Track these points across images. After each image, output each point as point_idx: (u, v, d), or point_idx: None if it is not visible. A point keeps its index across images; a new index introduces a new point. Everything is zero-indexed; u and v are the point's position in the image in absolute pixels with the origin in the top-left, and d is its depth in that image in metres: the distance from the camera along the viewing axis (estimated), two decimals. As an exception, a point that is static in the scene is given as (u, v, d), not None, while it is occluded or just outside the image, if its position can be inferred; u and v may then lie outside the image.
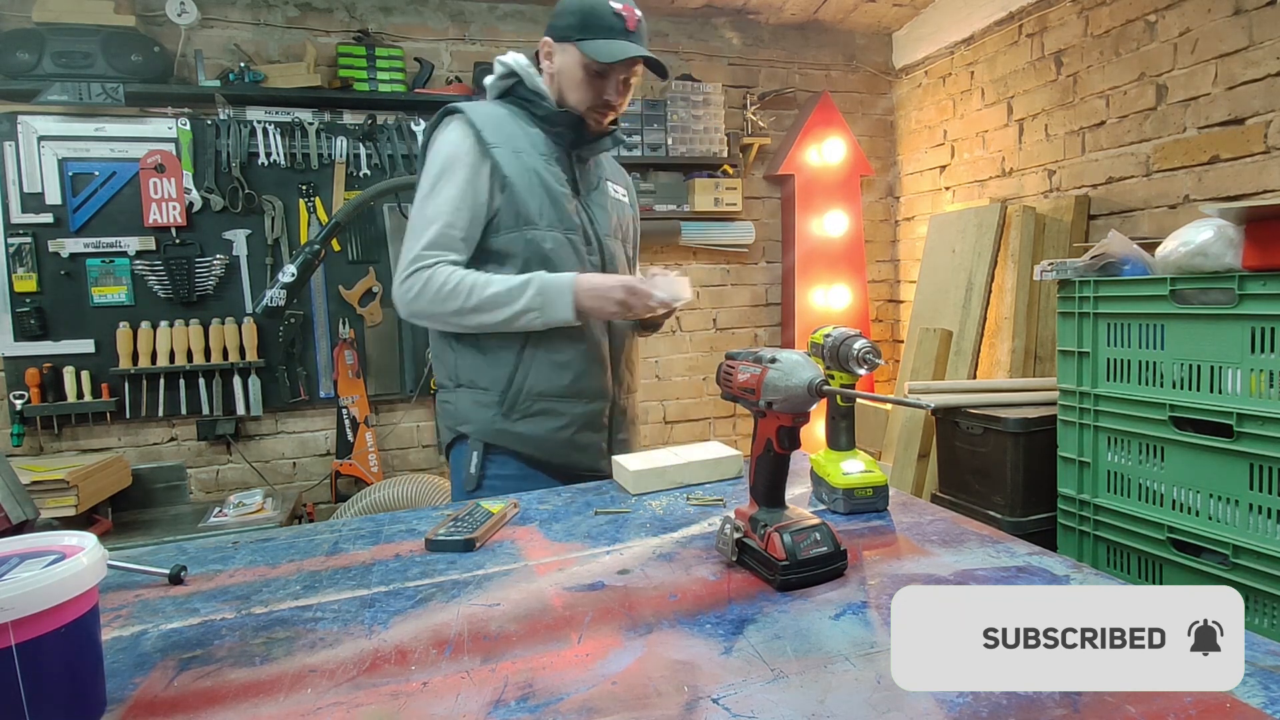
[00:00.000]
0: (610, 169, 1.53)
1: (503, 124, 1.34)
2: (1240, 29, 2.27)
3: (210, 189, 2.92)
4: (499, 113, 1.37)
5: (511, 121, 1.36)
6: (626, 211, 1.55)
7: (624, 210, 1.53)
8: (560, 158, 1.38)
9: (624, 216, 1.52)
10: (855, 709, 0.54)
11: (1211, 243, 1.64)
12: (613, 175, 1.53)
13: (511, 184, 1.30)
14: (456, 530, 0.93)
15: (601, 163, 1.50)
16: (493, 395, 1.34)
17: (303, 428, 3.18)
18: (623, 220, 1.51)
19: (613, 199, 1.48)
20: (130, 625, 0.73)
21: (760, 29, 3.75)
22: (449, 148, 1.31)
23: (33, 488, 2.04)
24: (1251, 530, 1.61)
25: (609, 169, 1.53)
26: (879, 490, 0.99)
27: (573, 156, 1.40)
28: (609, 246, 1.43)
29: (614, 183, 1.51)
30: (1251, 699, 0.52)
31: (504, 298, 1.26)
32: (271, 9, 3.06)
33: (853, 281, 3.77)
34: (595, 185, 1.45)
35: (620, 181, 1.55)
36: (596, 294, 1.26)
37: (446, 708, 0.57)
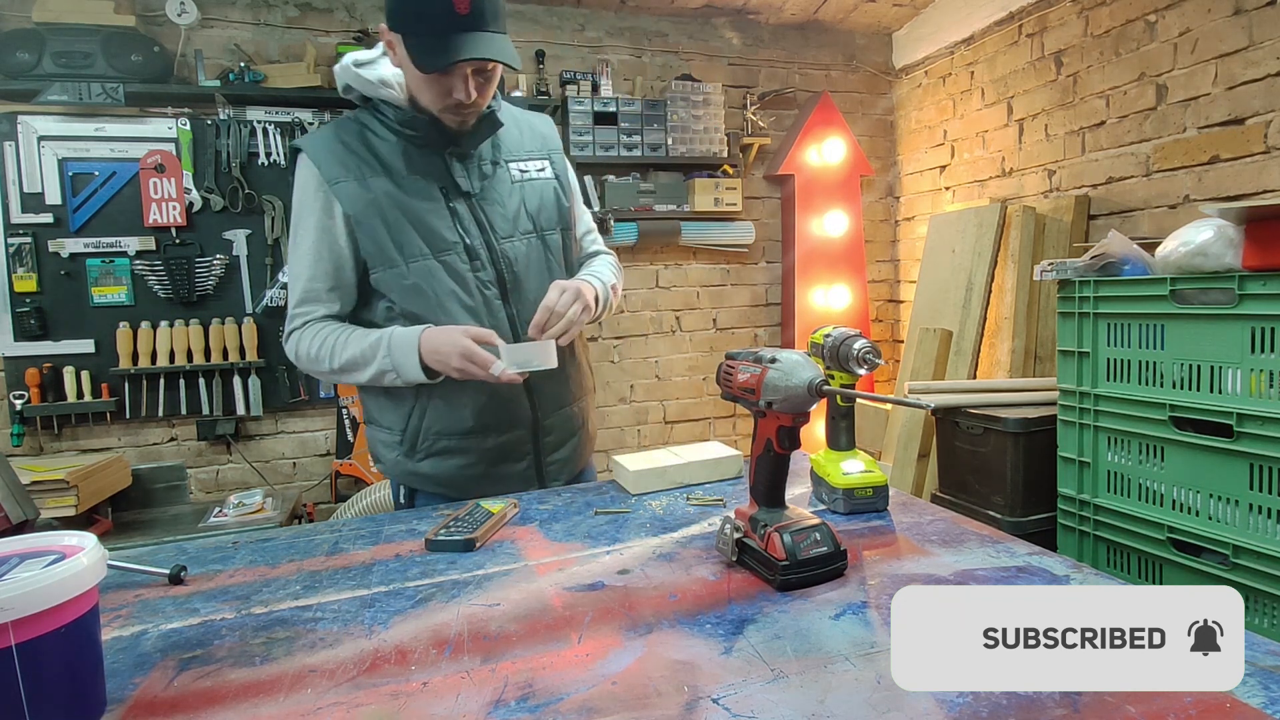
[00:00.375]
0: (511, 140, 1.29)
1: (349, 147, 1.18)
2: (1240, 29, 2.27)
3: (210, 189, 2.92)
4: (347, 133, 1.20)
5: (359, 139, 1.20)
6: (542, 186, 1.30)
7: (536, 188, 1.29)
8: (430, 164, 1.20)
9: (537, 195, 1.29)
10: (855, 709, 0.54)
11: (1211, 243, 1.64)
12: (514, 147, 1.29)
13: (360, 221, 1.16)
14: (456, 530, 0.93)
15: (498, 141, 1.27)
16: (395, 435, 1.25)
17: (303, 428, 3.18)
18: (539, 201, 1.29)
19: (515, 182, 1.27)
20: (130, 625, 0.73)
21: (760, 29, 3.75)
22: (298, 193, 1.20)
23: (33, 488, 2.04)
24: (1251, 530, 1.61)
25: (510, 141, 1.29)
26: (879, 490, 0.99)
27: (447, 157, 1.20)
28: (508, 251, 1.23)
29: (516, 160, 1.29)
30: (1251, 699, 0.52)
31: (359, 360, 1.16)
32: (271, 9, 3.06)
33: (853, 281, 3.77)
34: (488, 175, 1.24)
35: (529, 147, 1.31)
36: (438, 358, 1.11)
37: (446, 708, 0.57)
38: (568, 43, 3.47)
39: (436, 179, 1.20)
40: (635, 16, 3.56)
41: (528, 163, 1.29)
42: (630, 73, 3.57)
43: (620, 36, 3.55)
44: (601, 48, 3.52)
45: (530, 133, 1.33)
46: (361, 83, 1.19)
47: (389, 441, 1.27)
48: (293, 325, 1.23)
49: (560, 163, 1.35)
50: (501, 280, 1.23)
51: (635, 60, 3.58)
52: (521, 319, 1.23)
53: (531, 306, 1.21)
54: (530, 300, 1.22)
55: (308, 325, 1.21)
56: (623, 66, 3.55)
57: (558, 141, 1.37)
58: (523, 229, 1.26)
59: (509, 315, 1.23)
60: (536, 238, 1.27)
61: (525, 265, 1.25)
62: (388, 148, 1.19)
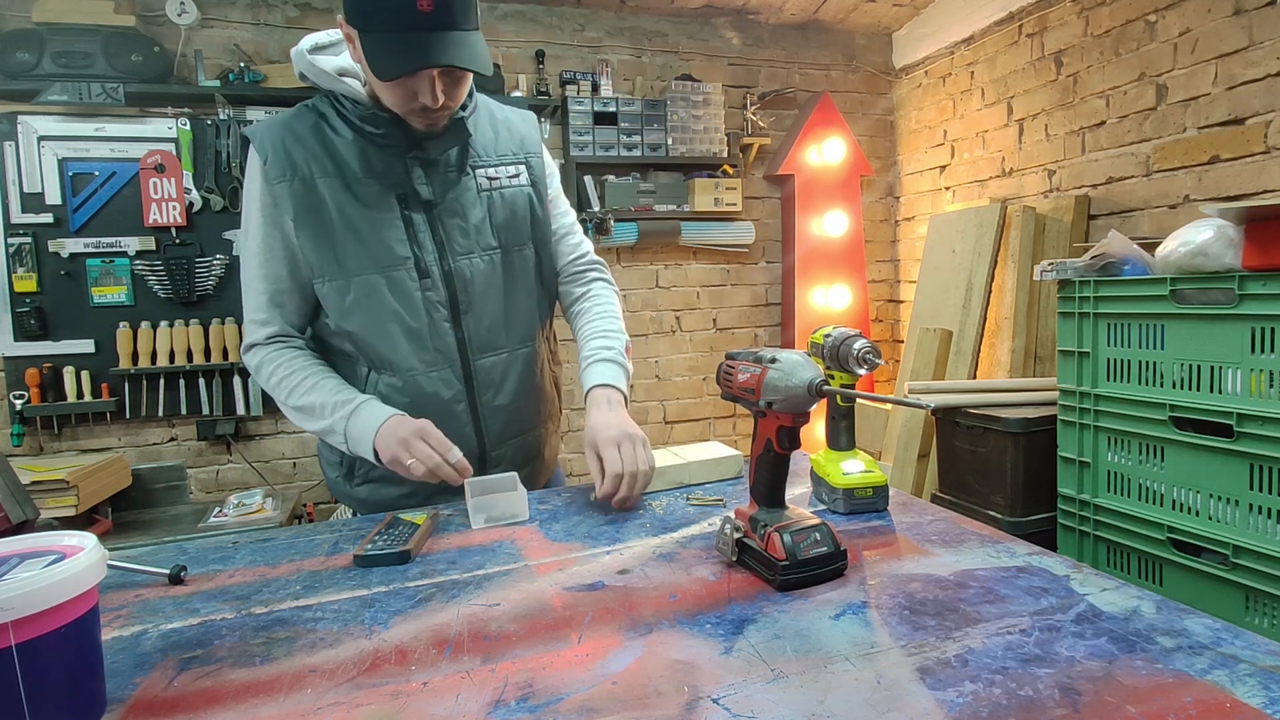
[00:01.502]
0: (484, 143, 1.17)
1: (301, 141, 1.08)
2: (1240, 29, 2.27)
3: (210, 189, 2.92)
4: (300, 124, 1.09)
5: (314, 134, 1.08)
6: (514, 195, 1.19)
7: (507, 199, 1.18)
8: (389, 168, 1.09)
9: (507, 206, 1.18)
10: (855, 709, 0.54)
11: (1211, 243, 1.64)
12: (486, 151, 1.17)
13: (303, 225, 1.07)
14: (385, 544, 0.89)
15: (471, 145, 1.15)
16: (335, 456, 1.20)
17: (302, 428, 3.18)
18: (509, 213, 1.18)
19: (482, 191, 1.16)
20: (130, 625, 0.73)
21: (760, 29, 3.75)
22: (247, 185, 1.11)
23: (33, 488, 2.04)
24: (1251, 530, 1.61)
25: (482, 143, 1.17)
26: (879, 490, 0.99)
27: (409, 161, 1.09)
28: (464, 269, 1.13)
29: (487, 165, 1.17)
30: (1251, 699, 0.52)
31: (316, 410, 1.09)
32: (271, 9, 3.06)
33: (853, 281, 3.77)
34: (452, 184, 1.13)
35: (504, 150, 1.19)
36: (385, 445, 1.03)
37: (446, 708, 0.57)
38: (568, 43, 3.47)
39: (394, 185, 1.09)
40: (635, 16, 3.56)
41: (499, 169, 1.18)
42: (630, 73, 3.57)
43: (620, 36, 3.55)
44: (601, 48, 3.52)
45: (507, 134, 1.21)
46: (316, 72, 1.07)
47: (331, 461, 1.23)
48: (249, 341, 1.14)
49: (539, 167, 1.23)
50: (453, 301, 1.14)
51: (635, 60, 3.58)
52: (473, 343, 1.16)
53: (486, 329, 1.16)
54: (485, 323, 1.16)
55: (268, 347, 1.13)
56: (623, 66, 3.55)
57: (538, 143, 1.24)
58: (484, 244, 1.15)
59: (458, 339, 1.15)
60: (500, 254, 1.17)
61: (483, 285, 1.15)
62: (344, 145, 1.08)
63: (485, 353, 1.17)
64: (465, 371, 1.16)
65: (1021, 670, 0.58)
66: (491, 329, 1.17)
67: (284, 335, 1.14)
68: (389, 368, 1.14)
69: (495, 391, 1.19)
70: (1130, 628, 0.64)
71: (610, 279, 1.36)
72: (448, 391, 1.15)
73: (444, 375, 1.15)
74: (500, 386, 1.20)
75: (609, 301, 1.30)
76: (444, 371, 1.14)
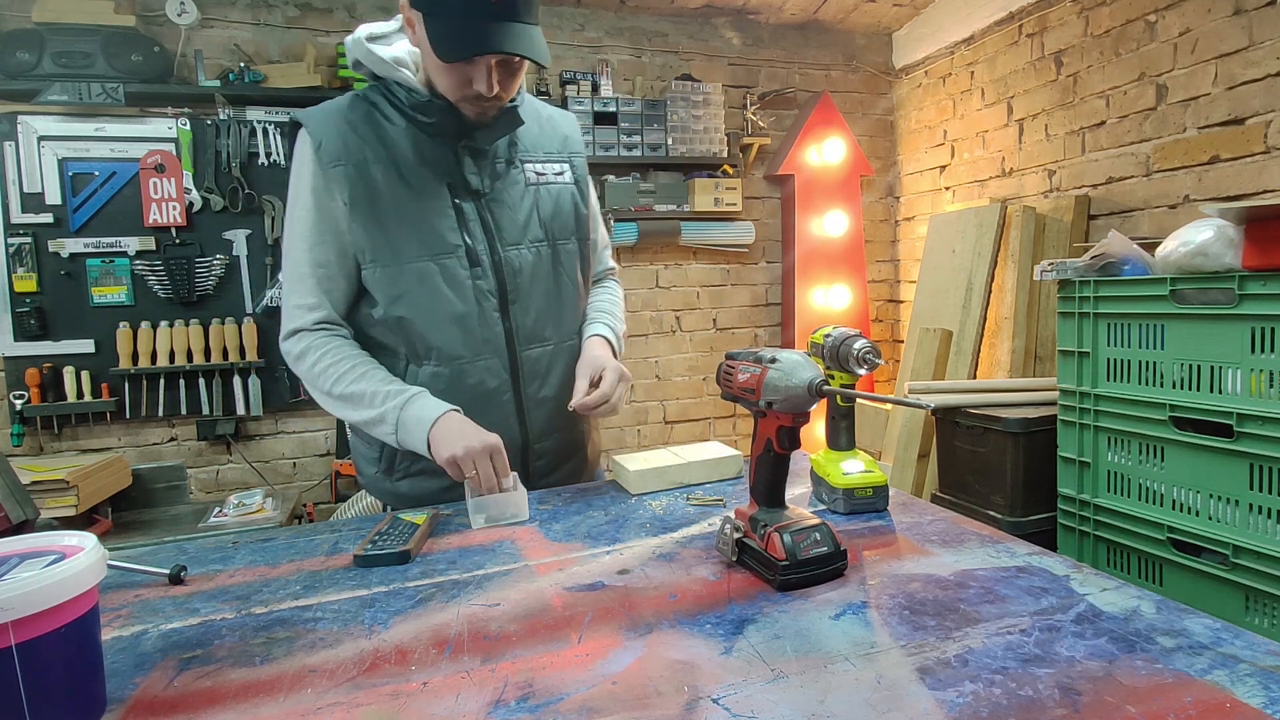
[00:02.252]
0: (530, 139, 1.20)
1: (355, 128, 1.10)
2: (1240, 29, 2.27)
3: (210, 189, 2.92)
4: (353, 111, 1.12)
5: (366, 121, 1.11)
6: (559, 191, 1.21)
7: (553, 193, 1.20)
8: (440, 157, 1.11)
9: (552, 200, 1.20)
10: (855, 709, 0.54)
11: (1211, 243, 1.64)
12: (532, 146, 1.20)
13: (356, 211, 1.08)
14: (385, 544, 0.89)
15: (515, 138, 1.18)
16: (374, 451, 1.20)
17: (303, 428, 3.18)
18: (554, 207, 1.20)
19: (530, 185, 1.18)
20: (130, 625, 0.73)
21: (760, 29, 3.75)
22: (295, 172, 1.12)
23: (33, 488, 2.04)
24: (1251, 530, 1.61)
25: (528, 139, 1.20)
26: (879, 490, 0.99)
27: (460, 150, 1.11)
28: (513, 259, 1.15)
29: (534, 160, 1.20)
30: (1251, 699, 0.52)
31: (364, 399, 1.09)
32: (271, 9, 3.06)
33: (853, 281, 3.77)
34: (501, 175, 1.15)
35: (549, 147, 1.22)
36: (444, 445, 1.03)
37: (446, 708, 0.57)
38: (568, 43, 3.47)
39: (445, 174, 1.11)
40: (635, 16, 3.56)
41: (545, 165, 1.21)
42: (630, 73, 3.57)
43: (620, 36, 3.55)
44: (601, 48, 3.52)
45: (552, 132, 1.24)
46: (373, 60, 1.09)
47: (369, 457, 1.22)
48: (290, 327, 1.13)
49: (581, 167, 1.26)
50: (502, 290, 1.15)
51: (635, 60, 3.58)
52: (520, 334, 1.16)
53: (532, 320, 1.17)
54: (532, 314, 1.17)
55: (311, 335, 1.12)
56: (623, 66, 3.55)
57: (580, 144, 1.28)
58: (532, 236, 1.17)
59: (506, 329, 1.16)
60: (547, 247, 1.19)
61: (530, 276, 1.17)
62: (396, 133, 1.10)
63: (532, 344, 1.17)
64: (512, 362, 1.16)
65: (1021, 670, 0.58)
66: (538, 320, 1.18)
67: (331, 322, 1.14)
68: (435, 356, 1.13)
69: (540, 383, 1.19)
70: (1130, 628, 0.64)
71: (619, 285, 1.45)
72: (493, 381, 1.15)
73: (491, 365, 1.15)
74: (545, 378, 1.20)
75: (614, 292, 1.38)
76: (491, 361, 1.14)
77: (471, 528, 1.00)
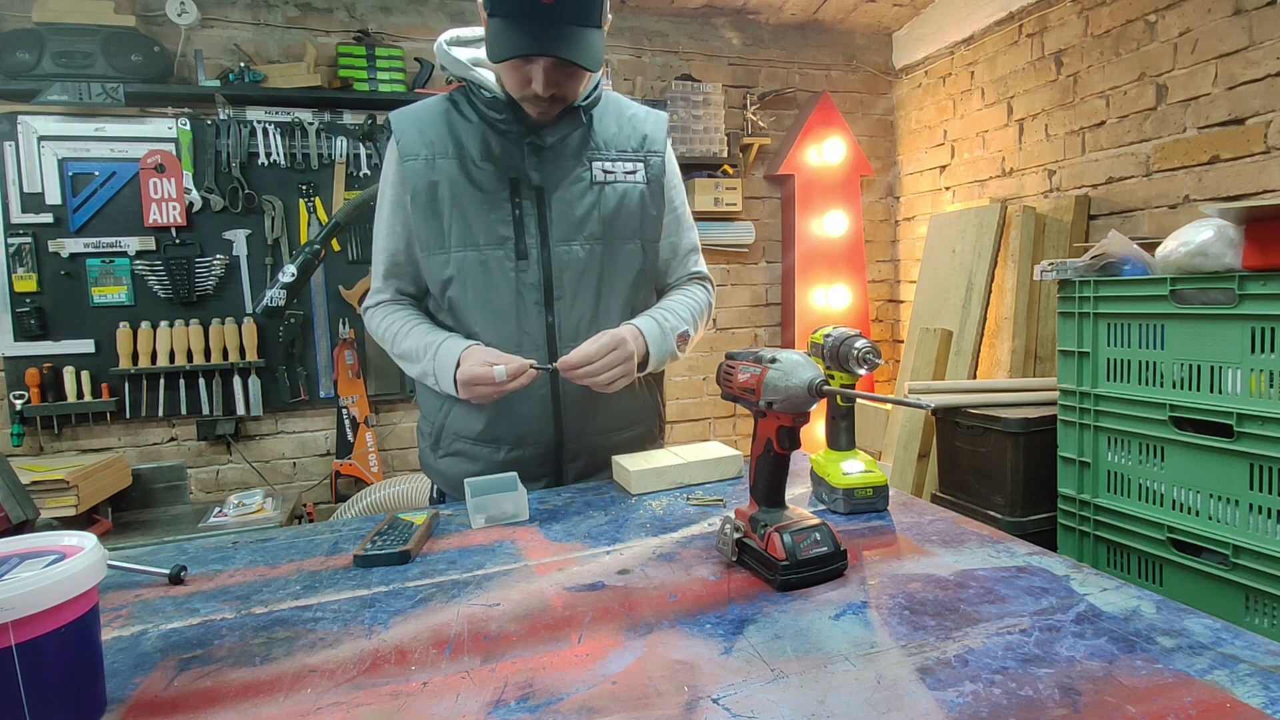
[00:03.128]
0: (605, 136, 1.21)
1: (432, 124, 1.16)
2: (1240, 29, 2.27)
3: (210, 189, 2.92)
4: (434, 110, 1.18)
5: (443, 118, 1.16)
6: (627, 190, 1.20)
7: (616, 191, 1.19)
8: (507, 153, 1.15)
9: (617, 199, 1.19)
10: (855, 709, 0.54)
11: (1211, 243, 1.64)
12: (606, 144, 1.20)
13: (418, 201, 1.15)
14: (385, 544, 0.89)
15: (592, 137, 1.19)
16: (428, 426, 1.27)
17: (303, 428, 3.18)
18: (618, 206, 1.19)
19: (596, 183, 1.18)
20: (130, 625, 0.73)
21: (760, 29, 3.75)
22: (385, 165, 1.21)
23: (33, 488, 2.04)
24: (1251, 530, 1.61)
25: (604, 136, 1.20)
26: (879, 490, 0.99)
27: (525, 147, 1.14)
28: (562, 255, 1.16)
29: (605, 158, 1.19)
30: (1251, 699, 0.52)
31: (412, 354, 1.17)
32: (271, 9, 3.06)
33: (853, 281, 3.77)
34: (567, 172, 1.17)
35: (624, 146, 1.22)
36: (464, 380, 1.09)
37: (446, 708, 0.57)
38: (568, 43, 3.46)
39: (510, 169, 1.14)
40: (635, 16, 3.56)
41: (617, 163, 1.20)
42: (630, 73, 3.56)
43: (620, 36, 3.55)
44: (601, 48, 3.52)
45: (631, 131, 1.23)
46: (450, 61, 1.15)
47: (424, 432, 1.29)
48: (368, 303, 1.25)
49: (659, 166, 1.24)
50: (548, 286, 1.15)
51: (635, 60, 3.58)
52: (563, 331, 1.17)
53: (577, 319, 1.17)
54: (577, 312, 1.17)
55: (380, 305, 1.24)
56: (623, 66, 3.55)
57: (662, 143, 1.25)
58: (588, 234, 1.17)
59: (548, 324, 1.16)
60: (602, 245, 1.18)
61: (579, 274, 1.17)
62: (468, 130, 1.15)
63: (575, 341, 1.14)
64: (552, 359, 1.15)
65: (1021, 670, 0.58)
66: (583, 319, 1.18)
67: (401, 294, 1.25)
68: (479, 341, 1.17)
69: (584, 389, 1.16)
70: (1130, 628, 0.64)
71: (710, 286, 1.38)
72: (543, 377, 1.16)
73: (529, 358, 1.13)
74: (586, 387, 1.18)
75: (691, 294, 1.31)
76: (529, 355, 1.13)
77: (471, 527, 1.00)
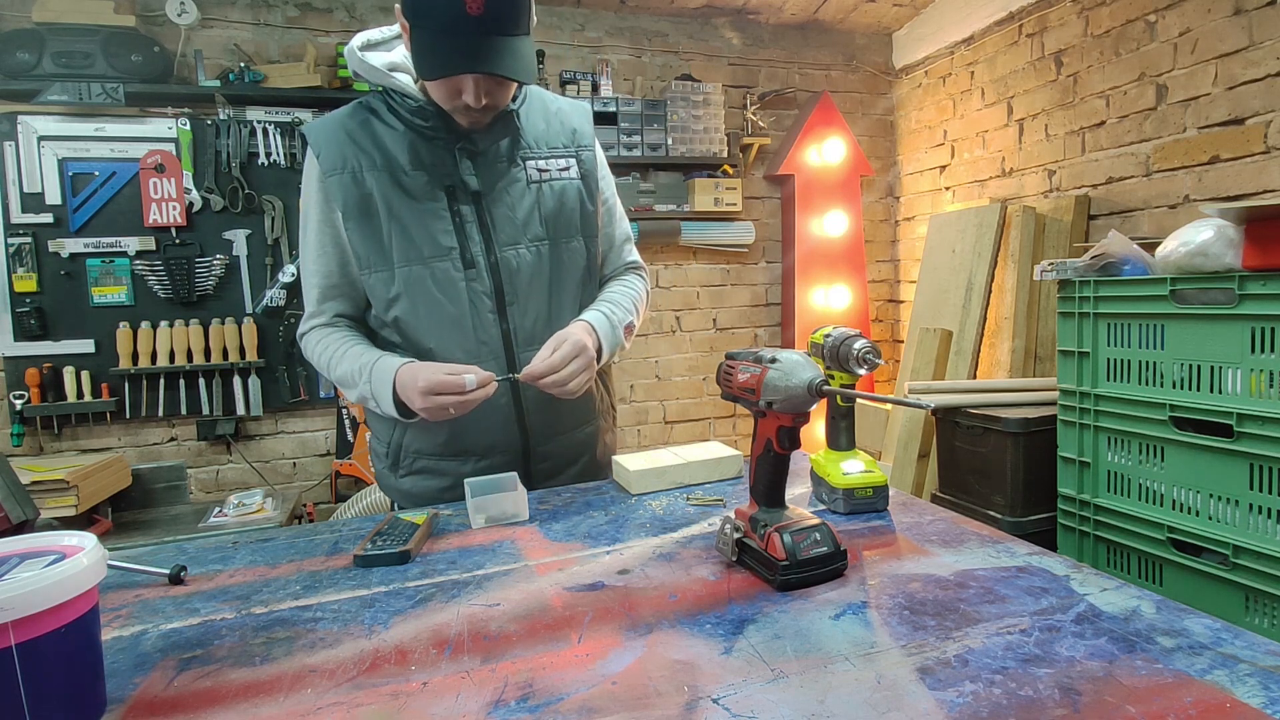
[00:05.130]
0: (535, 134, 1.17)
1: (352, 136, 1.11)
2: (1240, 29, 2.27)
3: (210, 189, 2.92)
4: (352, 120, 1.13)
5: (364, 129, 1.12)
6: (564, 188, 1.18)
7: (556, 190, 1.18)
8: (438, 160, 1.11)
9: (555, 197, 1.17)
10: (855, 709, 0.54)
11: (1211, 243, 1.64)
12: (537, 142, 1.17)
13: (351, 218, 1.10)
14: (385, 544, 0.89)
15: (522, 136, 1.16)
16: (382, 447, 1.22)
17: (303, 428, 3.18)
18: (558, 204, 1.18)
19: (532, 183, 1.16)
20: (130, 625, 0.73)
21: (760, 29, 3.75)
22: (305, 182, 1.15)
23: (33, 488, 2.04)
24: (1251, 530, 1.61)
25: (533, 134, 1.17)
26: (879, 490, 0.99)
27: (457, 153, 1.11)
28: (510, 259, 1.13)
29: (537, 157, 1.17)
30: (1251, 699, 0.52)
31: (347, 380, 1.12)
32: (271, 9, 3.06)
33: (853, 281, 3.77)
34: (502, 174, 1.14)
35: (555, 143, 1.19)
36: (405, 396, 1.05)
37: (446, 708, 0.57)
38: (568, 43, 3.47)
39: (443, 177, 1.11)
40: (635, 16, 3.56)
41: (550, 161, 1.18)
42: (630, 73, 3.57)
43: (620, 36, 3.55)
44: (601, 48, 3.52)
45: (559, 126, 1.20)
46: (366, 68, 1.09)
47: (379, 453, 1.24)
48: (303, 328, 1.19)
49: (590, 160, 1.22)
50: (499, 291, 1.14)
51: (635, 60, 3.58)
52: (518, 336, 1.16)
53: (531, 322, 1.16)
54: (531, 315, 1.16)
55: (313, 330, 1.18)
56: (623, 66, 3.55)
57: (590, 136, 1.23)
58: (532, 235, 1.15)
59: (504, 330, 1.15)
60: (548, 246, 1.17)
61: (529, 277, 1.15)
62: (394, 138, 1.10)
63: (531, 345, 1.14)
64: (510, 365, 1.15)
65: (1021, 670, 0.58)
66: (537, 322, 1.17)
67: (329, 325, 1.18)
68: (432, 359, 1.13)
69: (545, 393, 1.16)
70: (1130, 628, 0.64)
71: (643, 275, 1.37)
72: None
73: (488, 368, 1.12)
74: None
75: (630, 284, 1.30)
76: (488, 364, 1.12)
77: (471, 527, 1.00)
